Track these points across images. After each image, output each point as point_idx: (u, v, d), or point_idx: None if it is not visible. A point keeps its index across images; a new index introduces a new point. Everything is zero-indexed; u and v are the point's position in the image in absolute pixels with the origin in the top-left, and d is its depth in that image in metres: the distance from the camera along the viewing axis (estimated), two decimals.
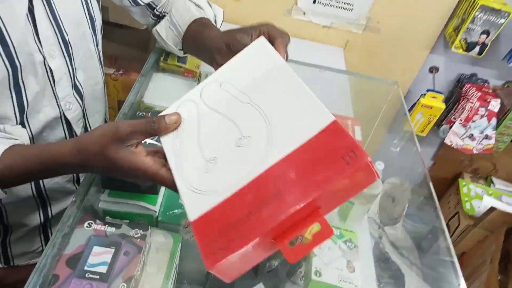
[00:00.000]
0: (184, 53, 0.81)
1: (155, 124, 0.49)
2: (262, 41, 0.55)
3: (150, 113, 0.67)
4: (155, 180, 0.49)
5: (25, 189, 0.70)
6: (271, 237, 0.39)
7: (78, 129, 0.75)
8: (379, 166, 0.76)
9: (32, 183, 0.70)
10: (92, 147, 0.49)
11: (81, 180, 0.73)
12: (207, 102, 0.51)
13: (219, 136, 0.47)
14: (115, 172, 0.50)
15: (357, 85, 1.19)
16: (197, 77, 0.85)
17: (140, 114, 0.67)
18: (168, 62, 0.84)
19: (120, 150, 0.48)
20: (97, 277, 0.46)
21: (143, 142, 0.51)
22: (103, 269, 0.47)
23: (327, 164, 0.38)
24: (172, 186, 0.47)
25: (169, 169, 0.47)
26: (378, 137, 1.30)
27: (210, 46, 0.68)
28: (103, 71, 0.82)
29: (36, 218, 0.76)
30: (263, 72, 0.50)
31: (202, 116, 0.50)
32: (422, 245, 1.47)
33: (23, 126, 0.63)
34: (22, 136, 0.62)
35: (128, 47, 1.57)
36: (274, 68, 0.50)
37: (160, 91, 0.76)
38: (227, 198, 0.41)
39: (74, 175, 0.79)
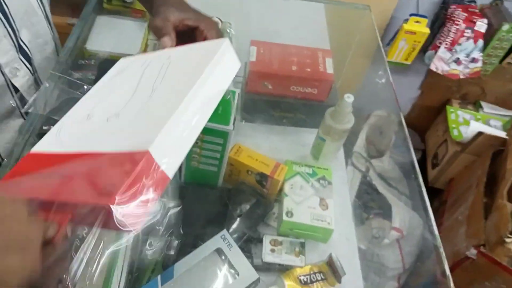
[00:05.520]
0: None
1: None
2: (225, 44, 0.48)
3: (93, 61, 0.61)
4: None
5: None
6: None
7: (30, 96, 0.67)
8: (348, 99, 0.71)
9: None
10: None
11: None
12: (147, 69, 0.49)
13: (113, 101, 0.46)
14: None
15: (332, 14, 1.12)
16: (147, 17, 0.78)
17: (83, 62, 0.62)
18: (112, 2, 0.76)
19: None
20: None
21: None
22: None
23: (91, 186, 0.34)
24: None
25: None
26: (358, 68, 1.25)
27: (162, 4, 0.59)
28: (52, 27, 0.74)
29: None
30: (187, 64, 0.47)
31: (136, 72, 0.49)
32: (409, 175, 1.47)
33: None
34: None
35: None
36: (194, 70, 0.44)
37: (105, 35, 0.70)
38: (61, 153, 0.41)
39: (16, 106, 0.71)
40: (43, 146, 0.43)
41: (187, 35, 0.57)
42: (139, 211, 0.32)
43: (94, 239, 0.38)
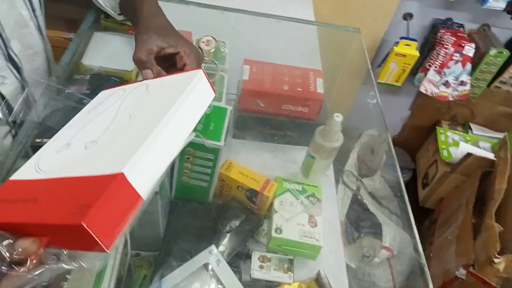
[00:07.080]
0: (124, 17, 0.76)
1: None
2: (200, 75, 0.50)
3: (89, 76, 0.62)
4: None
5: None
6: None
7: (16, 104, 0.69)
8: (337, 118, 0.73)
9: None
10: None
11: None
12: (126, 99, 0.51)
13: (92, 129, 0.48)
14: None
15: (324, 36, 1.15)
16: None
17: (78, 77, 0.63)
18: (109, 20, 0.78)
19: None
20: None
21: None
22: None
23: (64, 207, 0.35)
24: None
25: None
26: (349, 89, 1.27)
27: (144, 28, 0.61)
28: (44, 39, 0.76)
29: None
30: (163, 96, 0.49)
31: (113, 104, 0.51)
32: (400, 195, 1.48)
33: None
34: None
35: (87, 8, 1.48)
36: (169, 101, 0.46)
37: (102, 51, 0.71)
38: (40, 179, 0.41)
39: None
40: (21, 175, 0.44)
41: (168, 58, 0.59)
42: (112, 230, 0.33)
43: None
